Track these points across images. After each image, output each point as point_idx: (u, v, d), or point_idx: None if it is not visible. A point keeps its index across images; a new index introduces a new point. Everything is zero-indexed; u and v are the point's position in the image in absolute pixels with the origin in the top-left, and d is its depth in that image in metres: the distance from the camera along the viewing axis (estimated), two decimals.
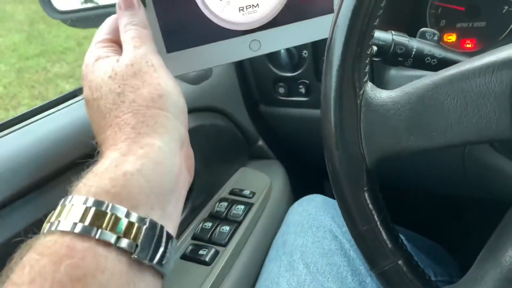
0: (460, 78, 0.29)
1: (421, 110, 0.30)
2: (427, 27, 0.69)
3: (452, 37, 0.69)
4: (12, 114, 2.41)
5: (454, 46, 0.69)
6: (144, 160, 0.28)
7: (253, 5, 0.36)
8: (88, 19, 0.69)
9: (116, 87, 0.30)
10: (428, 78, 0.31)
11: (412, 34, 0.50)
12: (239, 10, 0.36)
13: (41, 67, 3.19)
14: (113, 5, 0.56)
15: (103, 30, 0.35)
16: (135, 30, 0.33)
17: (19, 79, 3.01)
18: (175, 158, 0.30)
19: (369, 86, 0.33)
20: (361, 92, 0.32)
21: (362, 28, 0.31)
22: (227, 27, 0.36)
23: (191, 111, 0.56)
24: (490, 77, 0.28)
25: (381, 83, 0.61)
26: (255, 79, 0.70)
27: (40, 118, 0.46)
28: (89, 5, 0.71)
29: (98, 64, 0.32)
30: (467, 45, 0.68)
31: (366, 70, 0.33)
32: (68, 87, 2.69)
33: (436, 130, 0.30)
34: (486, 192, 0.62)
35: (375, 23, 0.32)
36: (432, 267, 0.56)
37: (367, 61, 0.33)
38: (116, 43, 0.35)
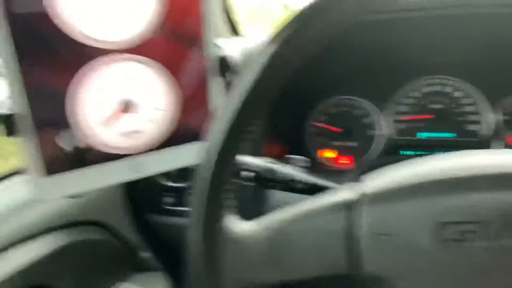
0: (306, 216, 0.32)
1: (276, 244, 0.32)
2: (308, 143, 0.76)
3: (330, 153, 0.76)
4: None
5: (333, 162, 0.76)
6: None
7: (136, 131, 0.38)
8: None
9: None
10: (283, 213, 0.33)
11: (294, 148, 0.53)
12: (123, 135, 0.37)
13: None
14: None
15: None
16: None
17: None
18: None
19: (231, 219, 0.34)
20: (223, 225, 0.33)
21: (219, 176, 0.33)
22: (111, 151, 0.37)
23: (63, 227, 0.52)
24: (328, 217, 0.31)
25: (261, 199, 0.64)
26: (142, 188, 0.69)
27: None
28: None
29: None
30: (344, 161, 0.76)
31: (228, 204, 0.34)
32: None
33: (289, 265, 0.31)
34: None
35: (231, 168, 0.34)
36: None
37: (228, 197, 0.34)
38: None
